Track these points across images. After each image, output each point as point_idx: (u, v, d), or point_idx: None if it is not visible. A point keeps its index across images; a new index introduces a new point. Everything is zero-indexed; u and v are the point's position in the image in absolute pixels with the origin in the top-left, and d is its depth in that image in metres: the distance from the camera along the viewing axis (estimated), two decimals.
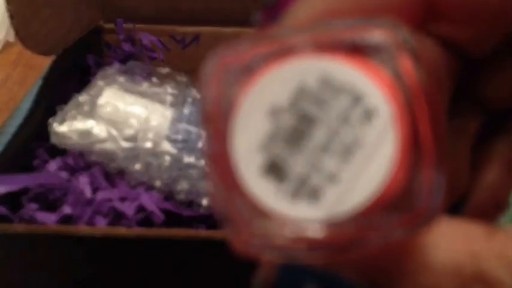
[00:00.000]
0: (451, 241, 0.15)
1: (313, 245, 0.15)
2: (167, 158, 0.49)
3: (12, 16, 0.51)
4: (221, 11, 0.59)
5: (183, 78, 0.58)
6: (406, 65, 0.15)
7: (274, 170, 0.16)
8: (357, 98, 0.15)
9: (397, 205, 0.15)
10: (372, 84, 0.16)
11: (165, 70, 0.59)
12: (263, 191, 0.16)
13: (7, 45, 0.66)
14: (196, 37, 0.60)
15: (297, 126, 0.16)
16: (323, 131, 0.16)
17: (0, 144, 0.47)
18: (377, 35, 0.16)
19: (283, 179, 0.16)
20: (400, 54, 0.16)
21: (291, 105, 0.16)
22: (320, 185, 0.15)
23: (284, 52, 0.16)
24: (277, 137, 0.16)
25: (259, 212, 0.16)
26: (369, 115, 0.15)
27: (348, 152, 0.15)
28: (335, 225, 0.15)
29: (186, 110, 0.52)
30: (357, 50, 0.16)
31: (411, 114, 0.15)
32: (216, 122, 0.16)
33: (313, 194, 0.15)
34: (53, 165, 0.49)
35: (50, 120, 0.50)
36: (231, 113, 0.16)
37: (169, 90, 0.55)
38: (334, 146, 0.15)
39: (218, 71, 0.16)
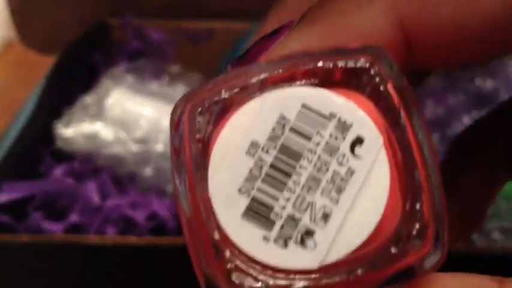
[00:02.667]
0: None
1: None
2: None
3: (13, 13, 0.51)
4: (234, 4, 0.59)
5: (195, 77, 0.58)
6: (391, 91, 0.15)
7: (260, 213, 0.15)
8: (344, 127, 0.15)
9: (393, 245, 0.15)
10: (359, 112, 0.15)
11: (176, 68, 0.59)
12: (248, 239, 0.15)
13: (9, 44, 0.66)
14: (209, 32, 0.60)
15: (281, 163, 0.15)
16: (310, 166, 0.15)
17: (2, 149, 0.47)
18: (361, 61, 0.15)
19: (270, 223, 0.15)
20: (385, 81, 0.15)
21: (272, 139, 0.15)
22: (312, 226, 0.15)
23: (260, 84, 0.16)
24: (260, 176, 0.15)
25: (243, 263, 0.15)
26: (358, 144, 0.15)
27: (339, 186, 0.15)
28: (327, 270, 0.15)
29: None
30: (339, 78, 0.16)
31: (400, 142, 0.15)
32: (190, 164, 0.15)
33: (305, 237, 0.15)
34: (58, 171, 0.49)
35: (55, 123, 0.51)
36: (207, 153, 0.15)
37: (181, 89, 0.55)
38: (323, 180, 0.15)
39: (189, 110, 0.15)
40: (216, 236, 0.15)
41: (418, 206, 0.15)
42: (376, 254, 0.15)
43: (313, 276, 0.15)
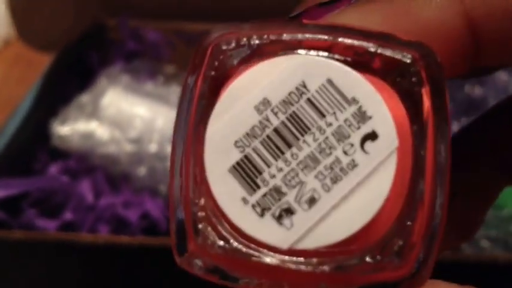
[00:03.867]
0: None
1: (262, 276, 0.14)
2: None
3: (12, 10, 0.51)
4: (231, 6, 0.59)
5: None
6: (425, 96, 0.14)
7: (247, 173, 0.14)
8: (362, 117, 0.14)
9: (369, 255, 0.14)
10: (383, 107, 0.14)
11: (171, 69, 0.59)
12: (226, 194, 0.14)
13: (8, 41, 0.66)
14: (204, 34, 0.60)
15: (286, 130, 0.14)
16: (314, 144, 0.14)
17: None
18: (403, 55, 0.14)
19: (254, 187, 0.14)
20: (422, 84, 0.14)
21: (285, 103, 0.14)
22: (294, 205, 0.14)
23: (293, 44, 0.14)
24: (261, 136, 0.14)
25: (213, 217, 0.14)
26: (370, 140, 0.14)
27: (336, 175, 0.14)
28: (294, 255, 0.14)
29: None
30: (376, 65, 0.14)
31: (416, 153, 0.14)
32: (197, 100, 0.14)
33: (284, 214, 0.14)
34: (54, 169, 0.49)
35: (51, 121, 0.51)
36: (217, 95, 0.14)
37: (176, 90, 0.55)
38: (322, 164, 0.14)
39: (214, 45, 0.14)
40: (198, 179, 0.14)
41: (409, 223, 0.14)
42: (349, 257, 0.14)
43: (278, 256, 0.14)
